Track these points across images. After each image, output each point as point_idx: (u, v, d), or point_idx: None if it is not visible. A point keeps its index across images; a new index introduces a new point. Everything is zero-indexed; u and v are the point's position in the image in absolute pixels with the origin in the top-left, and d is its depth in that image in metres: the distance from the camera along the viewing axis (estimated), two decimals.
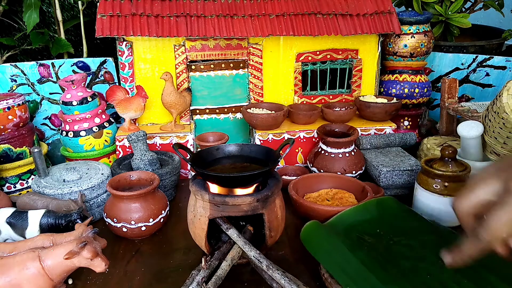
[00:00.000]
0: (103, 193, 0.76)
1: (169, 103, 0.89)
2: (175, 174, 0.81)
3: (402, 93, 1.00)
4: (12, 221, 0.64)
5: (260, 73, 0.97)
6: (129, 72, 0.92)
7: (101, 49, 1.16)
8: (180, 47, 0.92)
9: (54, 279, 0.52)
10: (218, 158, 0.65)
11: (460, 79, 1.06)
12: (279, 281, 0.52)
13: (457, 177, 0.68)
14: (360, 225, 0.61)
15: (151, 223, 0.68)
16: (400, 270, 0.52)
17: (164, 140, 0.90)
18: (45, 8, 1.10)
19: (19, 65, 0.94)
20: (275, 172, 0.63)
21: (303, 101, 1.01)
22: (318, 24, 0.92)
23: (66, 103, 0.85)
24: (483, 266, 0.51)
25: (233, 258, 0.56)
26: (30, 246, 0.55)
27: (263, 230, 0.60)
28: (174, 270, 0.62)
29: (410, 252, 0.56)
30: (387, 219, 0.63)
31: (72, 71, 0.98)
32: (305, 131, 0.91)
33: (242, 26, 0.90)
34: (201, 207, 0.58)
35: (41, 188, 0.72)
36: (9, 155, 0.81)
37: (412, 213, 0.65)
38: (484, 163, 0.75)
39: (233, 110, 0.99)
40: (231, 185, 0.60)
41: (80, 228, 0.55)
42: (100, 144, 0.88)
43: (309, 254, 0.57)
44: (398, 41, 0.98)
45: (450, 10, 1.08)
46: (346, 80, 1.01)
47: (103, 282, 0.59)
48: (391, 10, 0.96)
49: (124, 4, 0.88)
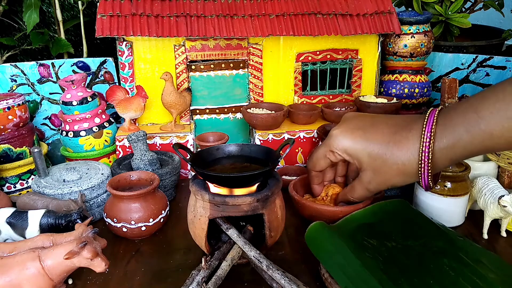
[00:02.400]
0: (103, 193, 0.76)
1: (169, 103, 0.89)
2: (175, 174, 0.81)
3: (402, 93, 1.00)
4: (12, 221, 0.64)
5: (260, 73, 0.97)
6: (129, 72, 0.92)
7: (101, 49, 1.16)
8: (180, 47, 0.92)
9: (54, 279, 0.52)
10: (218, 158, 0.65)
11: (460, 79, 1.06)
12: (279, 281, 0.52)
13: (457, 177, 0.68)
14: (366, 228, 0.60)
15: (151, 223, 0.68)
16: (402, 274, 0.52)
17: (164, 140, 0.90)
18: (45, 8, 1.10)
19: (19, 65, 0.94)
20: (275, 172, 0.63)
21: (303, 101, 1.01)
22: (318, 24, 0.92)
23: (66, 103, 0.85)
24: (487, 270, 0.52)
25: (233, 258, 0.56)
26: (30, 246, 0.55)
27: (263, 230, 0.60)
28: (174, 270, 0.62)
29: (414, 256, 0.55)
30: (395, 222, 0.63)
31: (72, 71, 0.98)
32: (305, 131, 0.91)
33: (242, 26, 0.90)
34: (201, 207, 0.58)
35: (41, 188, 0.72)
36: (9, 155, 0.81)
37: (421, 217, 0.64)
38: (484, 163, 0.75)
39: (233, 110, 0.99)
40: (231, 185, 0.60)
41: (80, 228, 0.55)
42: (100, 144, 0.88)
43: (309, 254, 0.57)
44: (398, 41, 0.98)
45: (450, 10, 1.08)
46: (346, 80, 1.01)
47: (103, 282, 0.59)
48: (391, 10, 0.96)
49: (124, 4, 0.88)
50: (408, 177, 0.53)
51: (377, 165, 0.54)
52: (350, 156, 0.57)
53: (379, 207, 0.65)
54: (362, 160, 0.56)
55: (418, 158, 0.50)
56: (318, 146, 0.62)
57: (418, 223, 0.63)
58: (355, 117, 0.59)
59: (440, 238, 0.59)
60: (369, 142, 0.55)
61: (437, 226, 0.62)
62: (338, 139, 0.58)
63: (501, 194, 0.64)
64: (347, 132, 0.57)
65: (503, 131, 0.44)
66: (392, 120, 0.56)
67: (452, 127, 0.48)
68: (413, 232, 0.61)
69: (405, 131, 0.52)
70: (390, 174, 0.54)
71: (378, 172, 0.55)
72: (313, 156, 0.63)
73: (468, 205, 0.71)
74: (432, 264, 0.53)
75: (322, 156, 0.61)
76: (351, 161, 0.58)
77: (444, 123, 0.49)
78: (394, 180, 0.54)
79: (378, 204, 0.66)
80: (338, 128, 0.59)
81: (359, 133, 0.56)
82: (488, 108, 0.45)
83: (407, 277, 0.51)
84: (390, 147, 0.53)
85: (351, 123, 0.58)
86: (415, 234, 0.60)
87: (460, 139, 0.47)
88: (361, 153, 0.55)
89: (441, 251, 0.56)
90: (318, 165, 0.63)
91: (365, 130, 0.56)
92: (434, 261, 0.54)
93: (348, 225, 0.61)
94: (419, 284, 0.50)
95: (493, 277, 0.51)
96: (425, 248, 0.57)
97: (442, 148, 0.49)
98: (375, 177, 0.55)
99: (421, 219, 0.64)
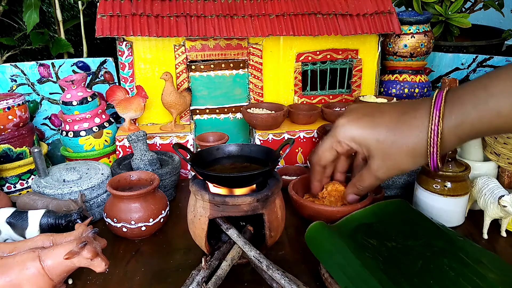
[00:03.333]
0: (103, 193, 0.76)
1: (169, 103, 0.89)
2: (175, 174, 0.81)
3: (402, 93, 1.00)
4: (12, 221, 0.64)
5: (260, 73, 0.97)
6: (129, 72, 0.92)
7: (101, 49, 1.15)
8: (180, 47, 0.92)
9: (54, 279, 0.52)
10: (218, 158, 0.65)
11: (460, 79, 1.06)
12: (279, 281, 0.52)
13: (457, 177, 0.68)
14: (367, 228, 0.60)
15: (151, 223, 0.68)
16: (402, 274, 0.52)
17: (164, 140, 0.90)
18: (45, 8, 1.10)
19: (19, 65, 0.94)
20: (275, 172, 0.63)
21: (303, 101, 1.01)
22: (318, 24, 0.92)
23: (66, 103, 0.85)
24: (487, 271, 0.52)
25: (233, 258, 0.56)
26: (30, 246, 0.55)
27: (263, 230, 0.60)
28: (174, 270, 0.62)
29: (414, 256, 0.55)
30: (395, 222, 0.63)
31: (72, 71, 0.98)
32: (305, 131, 0.91)
33: (242, 26, 0.90)
34: (201, 207, 0.58)
35: (41, 188, 0.72)
36: (9, 155, 0.81)
37: (421, 217, 0.64)
38: (484, 163, 0.75)
39: (233, 110, 0.99)
40: (231, 185, 0.60)
41: (80, 228, 0.55)
42: (100, 144, 0.88)
43: (309, 254, 0.57)
44: (398, 41, 0.98)
45: (450, 10, 1.08)
46: (346, 80, 1.01)
47: (103, 282, 0.59)
48: (391, 10, 0.96)
49: (124, 4, 0.88)
50: (417, 158, 0.52)
51: (385, 148, 0.53)
52: (358, 145, 0.56)
53: (379, 207, 0.65)
54: (371, 147, 0.55)
55: (427, 137, 0.49)
56: (323, 140, 0.62)
57: (418, 223, 0.63)
58: (360, 107, 0.59)
59: (440, 238, 0.59)
60: (377, 127, 0.54)
61: (437, 226, 0.62)
62: (345, 128, 0.57)
63: (501, 194, 0.64)
64: (354, 120, 0.57)
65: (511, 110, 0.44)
66: (399, 105, 0.55)
67: (460, 104, 0.48)
68: (413, 232, 0.61)
69: (413, 111, 0.52)
70: (400, 157, 0.53)
71: (387, 156, 0.54)
72: (319, 149, 0.62)
73: (468, 205, 0.71)
74: (432, 264, 0.53)
75: (328, 148, 0.60)
76: (359, 150, 0.57)
77: (453, 101, 0.48)
78: (404, 163, 0.53)
79: (378, 204, 0.66)
80: (344, 118, 0.58)
81: (366, 119, 0.56)
82: (498, 85, 0.45)
83: (407, 277, 0.51)
84: (399, 128, 0.52)
85: (357, 112, 0.57)
86: (415, 234, 0.60)
87: (468, 116, 0.47)
88: (370, 139, 0.55)
89: (441, 251, 0.56)
90: (324, 158, 0.62)
91: (373, 116, 0.55)
92: (434, 261, 0.54)
93: (348, 225, 0.61)
94: (419, 284, 0.50)
95: (493, 277, 0.51)
96: (425, 248, 0.57)
97: (451, 126, 0.48)
98: (385, 163, 0.54)
99: (421, 219, 0.64)
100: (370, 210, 0.64)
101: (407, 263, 0.54)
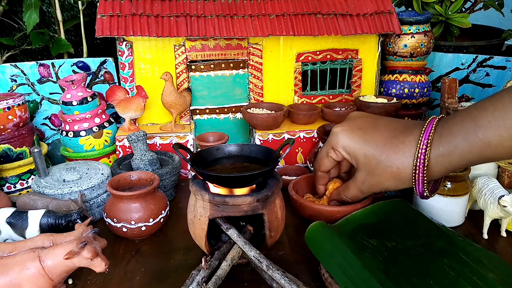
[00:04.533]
0: (103, 193, 0.76)
1: (169, 103, 0.89)
2: (175, 174, 0.81)
3: (402, 93, 1.00)
4: (12, 221, 0.64)
5: (260, 73, 0.97)
6: (129, 72, 0.92)
7: (101, 49, 1.16)
8: (180, 47, 0.92)
9: (54, 279, 0.52)
10: (218, 158, 0.65)
11: (460, 79, 1.06)
12: (279, 281, 0.52)
13: (457, 177, 0.68)
14: (367, 228, 0.61)
15: (151, 223, 0.68)
16: (402, 274, 0.52)
17: (164, 140, 0.90)
18: (45, 8, 1.10)
19: (19, 65, 0.94)
20: (275, 172, 0.63)
21: (303, 101, 1.01)
22: (318, 24, 0.92)
23: (66, 103, 0.85)
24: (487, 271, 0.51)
25: (233, 258, 0.56)
26: (30, 246, 0.55)
27: (263, 230, 0.60)
28: (174, 270, 0.62)
29: (414, 256, 0.55)
30: (395, 222, 0.63)
31: (72, 71, 0.98)
32: (305, 131, 0.91)
33: (242, 26, 0.90)
34: (201, 207, 0.58)
35: (41, 188, 0.72)
36: (9, 155, 0.81)
37: (421, 217, 0.64)
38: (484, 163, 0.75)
39: (233, 110, 0.99)
40: (231, 185, 0.60)
41: (80, 228, 0.55)
42: (100, 144, 0.88)
43: (309, 254, 0.57)
44: (398, 41, 0.98)
45: (450, 10, 1.08)
46: (346, 80, 1.01)
47: (103, 282, 0.59)
48: (391, 10, 0.96)
49: (124, 4, 0.88)
50: (401, 182, 0.54)
51: (371, 166, 0.55)
52: (348, 154, 0.58)
53: (379, 207, 0.65)
54: (359, 160, 0.57)
55: (413, 164, 0.51)
56: (322, 147, 0.63)
57: (418, 223, 0.63)
58: (359, 117, 0.61)
59: (440, 238, 0.59)
60: (366, 142, 0.56)
61: (437, 226, 0.62)
62: (338, 137, 0.59)
63: (501, 194, 0.64)
64: (348, 130, 0.58)
65: (501, 140, 0.45)
66: (393, 124, 0.56)
67: (449, 136, 0.49)
68: (413, 232, 0.61)
69: (403, 136, 0.53)
70: (384, 177, 0.54)
71: (372, 173, 0.56)
72: (318, 156, 0.64)
73: (468, 205, 0.71)
74: (432, 264, 0.53)
75: (325, 155, 0.62)
76: (349, 159, 0.59)
77: (442, 132, 0.49)
78: (387, 184, 0.55)
79: (378, 204, 0.66)
80: (339, 126, 0.60)
81: (359, 132, 0.57)
82: (486, 117, 0.46)
83: (407, 277, 0.51)
84: (386, 150, 0.53)
85: (353, 122, 0.59)
86: (415, 234, 0.60)
87: (457, 148, 0.48)
88: (358, 152, 0.56)
89: (441, 251, 0.56)
90: (323, 165, 0.64)
91: (365, 130, 0.57)
92: (434, 261, 0.54)
93: (348, 225, 0.61)
94: (419, 284, 0.50)
95: (493, 277, 0.51)
96: (425, 248, 0.57)
97: (438, 155, 0.49)
98: (369, 178, 0.56)
99: (421, 219, 0.64)
100: (370, 210, 0.64)
101: (407, 263, 0.54)
